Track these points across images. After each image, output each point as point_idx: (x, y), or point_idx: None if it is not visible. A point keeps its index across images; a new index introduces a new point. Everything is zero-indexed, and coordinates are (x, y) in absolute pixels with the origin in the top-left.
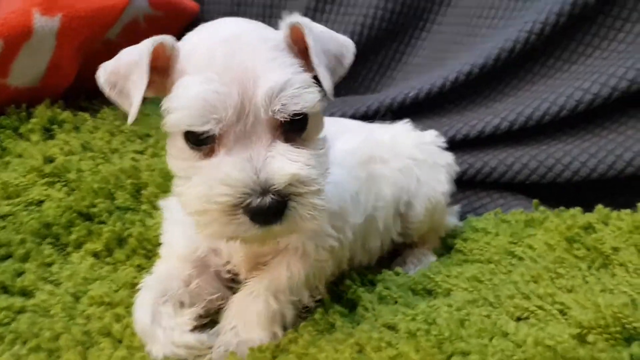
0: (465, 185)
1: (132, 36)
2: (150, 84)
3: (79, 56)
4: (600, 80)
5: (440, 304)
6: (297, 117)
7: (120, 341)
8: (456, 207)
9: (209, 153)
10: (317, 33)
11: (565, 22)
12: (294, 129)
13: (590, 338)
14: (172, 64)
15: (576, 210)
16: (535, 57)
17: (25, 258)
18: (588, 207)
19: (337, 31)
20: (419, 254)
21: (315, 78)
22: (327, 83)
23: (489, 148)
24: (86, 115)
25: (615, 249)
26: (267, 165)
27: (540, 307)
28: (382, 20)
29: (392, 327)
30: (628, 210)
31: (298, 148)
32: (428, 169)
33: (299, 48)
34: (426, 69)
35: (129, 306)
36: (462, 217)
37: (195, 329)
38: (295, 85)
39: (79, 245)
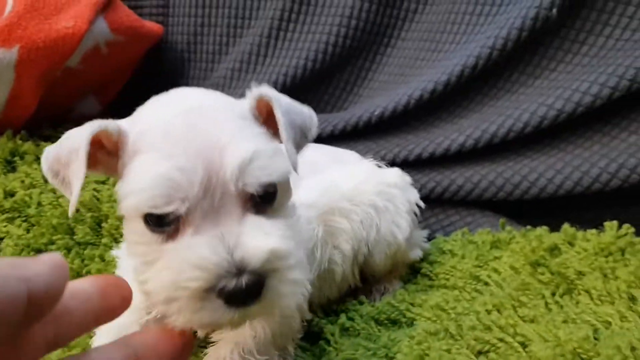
0: (434, 203)
1: (94, 62)
2: (98, 164)
3: (40, 86)
4: (564, 95)
5: (402, 337)
6: (268, 188)
7: None
8: (423, 232)
9: (174, 234)
10: (284, 106)
11: (527, 36)
12: (264, 200)
13: None
14: (121, 146)
15: (542, 230)
16: (499, 72)
17: None
18: (558, 222)
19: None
20: (385, 282)
21: None
22: (293, 158)
23: (455, 165)
24: (48, 144)
25: (580, 274)
26: (241, 243)
27: (501, 340)
28: (345, 37)
29: None
30: (594, 231)
31: (270, 219)
32: (389, 217)
33: (264, 117)
34: (392, 86)
35: (86, 348)
36: (431, 236)
37: None
38: (265, 155)
39: None
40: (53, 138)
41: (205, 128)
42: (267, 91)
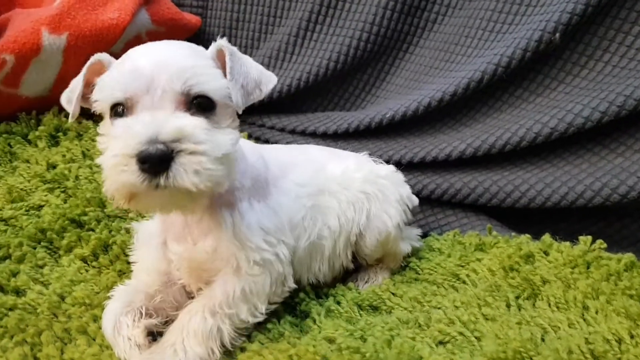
0: (434, 203)
1: None
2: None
3: None
4: (559, 115)
5: (378, 322)
6: (202, 98)
7: (94, 339)
8: (417, 230)
9: None
10: (239, 57)
11: (530, 56)
12: (200, 109)
13: None
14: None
15: (525, 238)
16: (504, 86)
17: (21, 260)
18: (547, 230)
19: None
20: (371, 272)
21: None
22: (235, 95)
23: (456, 170)
24: (89, 123)
25: (545, 281)
26: (162, 122)
27: (460, 334)
28: (367, 42)
29: (331, 341)
30: (568, 243)
31: (199, 118)
32: (379, 203)
33: (223, 67)
34: (406, 91)
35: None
36: (427, 234)
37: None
38: (201, 69)
39: (69, 250)
40: (95, 116)
41: (162, 50)
42: (225, 43)
